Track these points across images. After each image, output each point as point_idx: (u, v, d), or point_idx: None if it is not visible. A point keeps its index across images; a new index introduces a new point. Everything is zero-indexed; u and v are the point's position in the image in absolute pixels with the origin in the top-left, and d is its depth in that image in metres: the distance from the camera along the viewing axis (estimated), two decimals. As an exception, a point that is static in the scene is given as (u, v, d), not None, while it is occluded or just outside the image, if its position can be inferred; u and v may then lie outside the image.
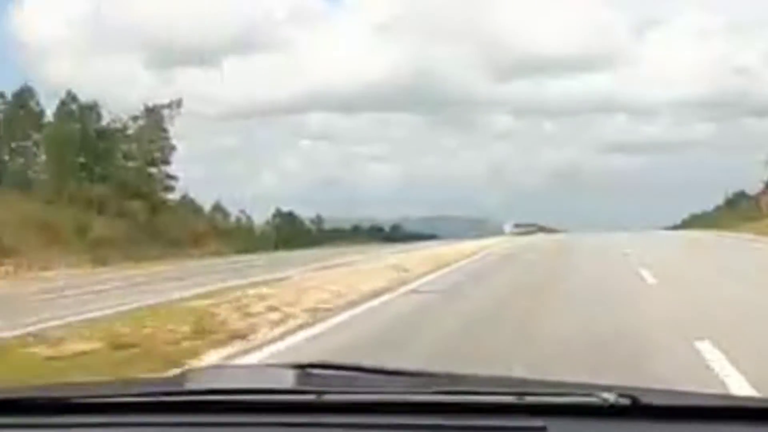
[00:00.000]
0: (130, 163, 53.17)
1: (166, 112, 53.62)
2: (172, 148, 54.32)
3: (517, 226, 66.78)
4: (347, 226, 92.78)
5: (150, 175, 53.72)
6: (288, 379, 1.73)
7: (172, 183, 55.06)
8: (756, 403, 1.61)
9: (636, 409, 1.50)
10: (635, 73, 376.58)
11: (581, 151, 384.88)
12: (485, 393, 1.65)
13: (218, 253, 46.05)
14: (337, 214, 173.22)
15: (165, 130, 53.81)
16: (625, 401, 1.51)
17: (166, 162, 54.36)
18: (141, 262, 35.49)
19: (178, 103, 54.36)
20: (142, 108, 53.79)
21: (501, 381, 1.89)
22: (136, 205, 50.49)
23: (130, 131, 53.61)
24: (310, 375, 1.78)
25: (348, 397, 1.68)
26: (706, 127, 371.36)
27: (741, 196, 70.52)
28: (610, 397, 1.51)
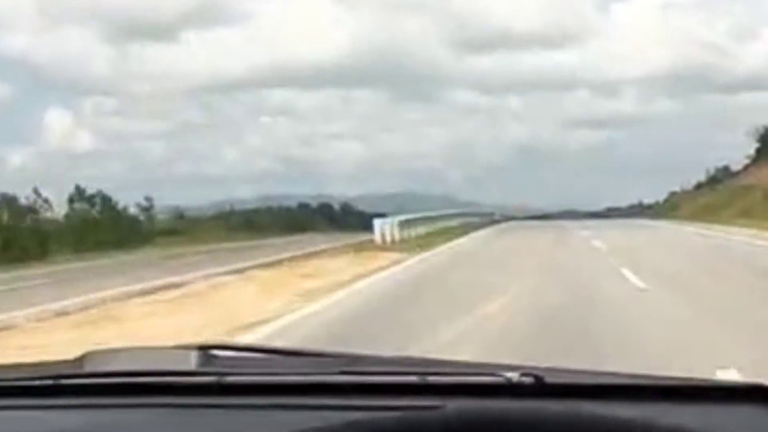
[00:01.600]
0: None
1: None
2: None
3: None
4: (293, 203, 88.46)
5: None
6: (190, 361, 1.70)
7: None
8: (660, 381, 1.56)
9: (539, 387, 1.48)
10: (600, 49, 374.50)
11: (547, 126, 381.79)
12: (386, 373, 1.65)
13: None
14: (296, 191, 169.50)
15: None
16: (529, 380, 1.48)
17: None
18: None
19: None
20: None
21: (403, 361, 1.85)
22: None
23: None
24: (212, 357, 1.74)
25: (249, 379, 1.65)
26: (671, 102, 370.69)
27: (725, 172, 64.34)
28: (513, 376, 1.48)
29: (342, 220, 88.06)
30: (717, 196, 55.82)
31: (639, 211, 63.86)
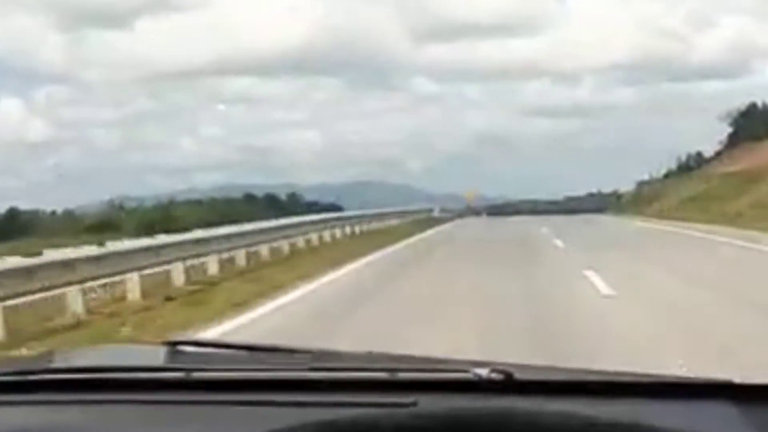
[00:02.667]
0: None
1: None
2: None
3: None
4: (239, 194, 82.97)
5: None
6: (157, 357, 1.71)
7: None
8: (630, 378, 1.56)
9: (509, 384, 1.48)
10: (560, 38, 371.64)
11: (505, 115, 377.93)
12: (356, 369, 1.65)
13: None
14: (255, 180, 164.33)
15: None
16: (498, 376, 1.48)
17: None
18: None
19: None
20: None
21: (374, 357, 1.81)
22: None
23: None
24: (179, 352, 1.74)
25: (217, 375, 1.64)
26: (631, 91, 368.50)
27: (698, 159, 58.64)
28: (483, 373, 1.48)
29: (288, 211, 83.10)
30: (697, 185, 48.57)
31: (600, 202, 57.03)
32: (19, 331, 9.96)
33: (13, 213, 54.38)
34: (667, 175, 60.17)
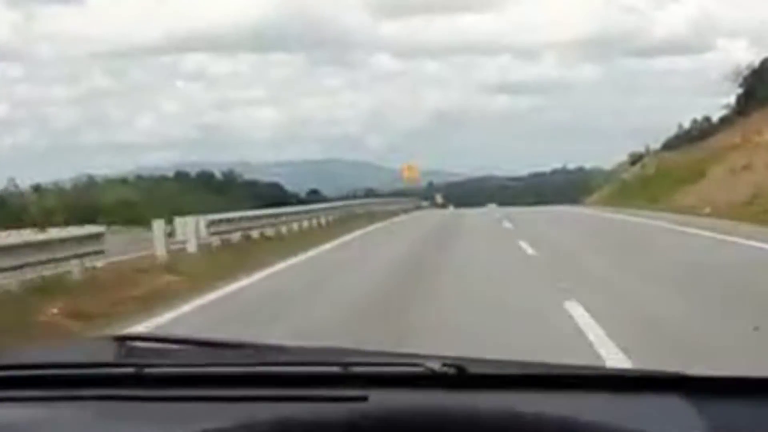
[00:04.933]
0: None
1: None
2: None
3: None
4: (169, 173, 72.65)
5: None
6: (107, 353, 1.66)
7: None
8: (582, 371, 1.54)
9: (462, 378, 1.45)
10: (520, 13, 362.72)
11: (466, 91, 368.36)
12: (308, 363, 1.62)
13: None
14: (212, 158, 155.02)
15: None
16: (452, 370, 1.45)
17: None
18: None
19: None
20: None
21: (326, 352, 1.78)
22: None
23: None
24: (131, 348, 1.69)
25: (169, 370, 1.60)
26: (592, 67, 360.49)
27: (706, 125, 46.73)
28: (436, 366, 1.45)
29: (224, 191, 72.98)
30: (720, 161, 35.38)
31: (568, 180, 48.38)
32: None
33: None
34: (667, 146, 48.21)
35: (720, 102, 47.71)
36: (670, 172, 40.08)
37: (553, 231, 21.77)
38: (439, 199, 53.00)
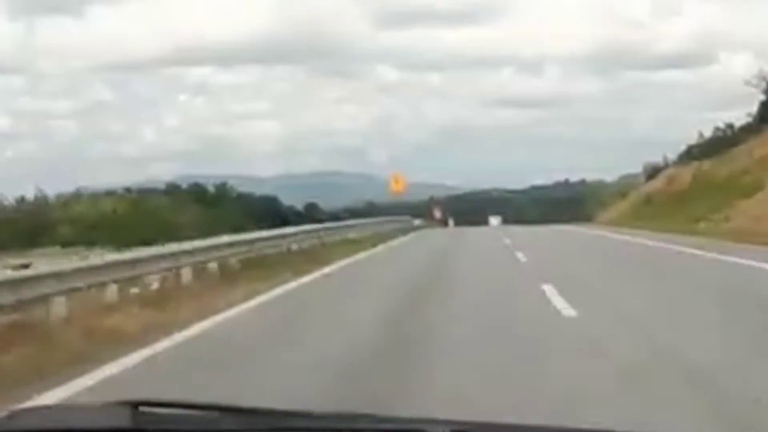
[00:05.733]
0: None
1: None
2: None
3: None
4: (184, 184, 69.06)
5: None
6: (120, 418, 1.67)
7: None
8: None
9: None
10: (522, 26, 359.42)
11: (468, 104, 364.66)
12: (318, 429, 1.68)
13: None
14: (210, 171, 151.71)
15: None
16: None
17: None
18: None
19: None
20: None
21: (335, 417, 1.80)
22: None
23: None
24: (142, 413, 1.69)
25: None
26: (595, 80, 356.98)
27: (730, 133, 41.82)
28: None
29: (217, 205, 69.51)
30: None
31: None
32: None
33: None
34: (690, 156, 42.67)
35: (727, 113, 43.98)
36: (713, 184, 33.56)
37: (587, 270, 15.42)
38: (437, 213, 48.41)
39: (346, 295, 12.51)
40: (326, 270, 16.22)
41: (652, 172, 44.48)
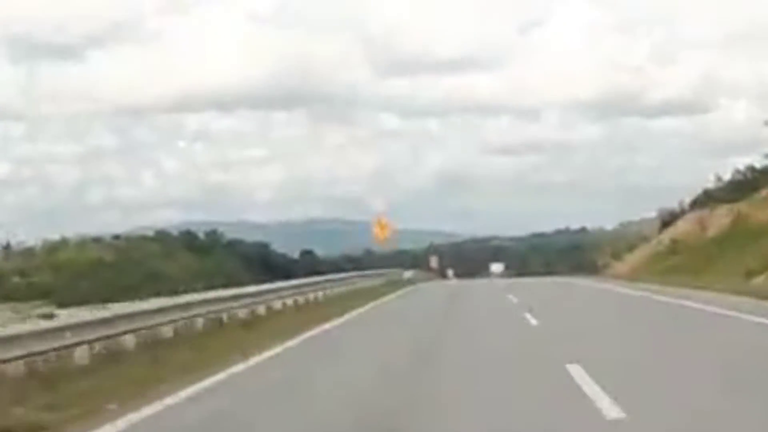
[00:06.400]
0: None
1: None
2: None
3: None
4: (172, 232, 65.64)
5: None
6: None
7: None
8: None
9: None
10: (521, 73, 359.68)
11: (468, 152, 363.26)
12: None
13: None
14: (209, 218, 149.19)
15: None
16: None
17: None
18: None
19: None
20: None
21: None
22: None
23: None
24: None
25: None
26: (594, 127, 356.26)
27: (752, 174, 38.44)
28: None
29: (207, 252, 66.72)
30: None
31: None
32: None
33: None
34: (711, 200, 38.65)
35: (728, 158, 41.03)
36: (759, 228, 27.91)
37: (621, 344, 11.59)
38: (433, 262, 44.84)
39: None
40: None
41: (669, 218, 40.72)
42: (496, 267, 66.92)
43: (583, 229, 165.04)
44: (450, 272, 50.46)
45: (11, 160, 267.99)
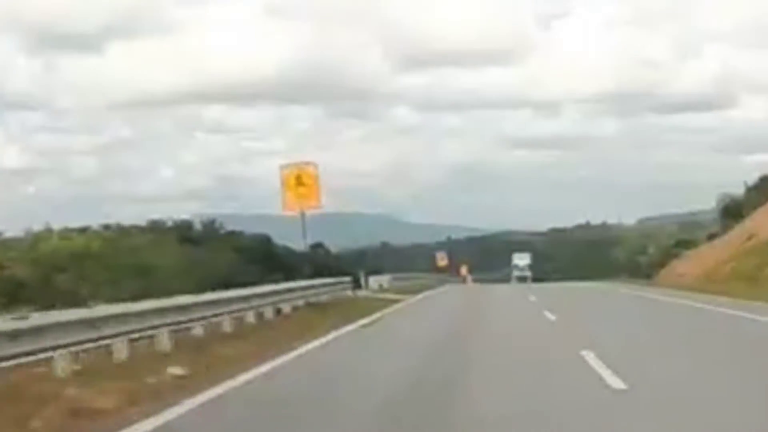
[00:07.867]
0: None
1: None
2: None
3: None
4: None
5: None
6: None
7: None
8: None
9: None
10: (542, 67, 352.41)
11: (486, 145, 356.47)
12: None
13: None
14: (225, 210, 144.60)
15: None
16: None
17: None
18: None
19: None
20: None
21: None
22: None
23: None
24: None
25: None
26: (614, 122, 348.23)
27: None
28: None
29: (202, 243, 61.10)
30: None
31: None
32: None
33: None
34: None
35: (749, 156, 34.31)
36: None
37: None
38: (442, 260, 37.76)
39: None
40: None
41: (732, 208, 32.93)
42: (520, 258, 58.77)
43: (603, 225, 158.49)
44: (466, 271, 42.69)
45: (30, 150, 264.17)
